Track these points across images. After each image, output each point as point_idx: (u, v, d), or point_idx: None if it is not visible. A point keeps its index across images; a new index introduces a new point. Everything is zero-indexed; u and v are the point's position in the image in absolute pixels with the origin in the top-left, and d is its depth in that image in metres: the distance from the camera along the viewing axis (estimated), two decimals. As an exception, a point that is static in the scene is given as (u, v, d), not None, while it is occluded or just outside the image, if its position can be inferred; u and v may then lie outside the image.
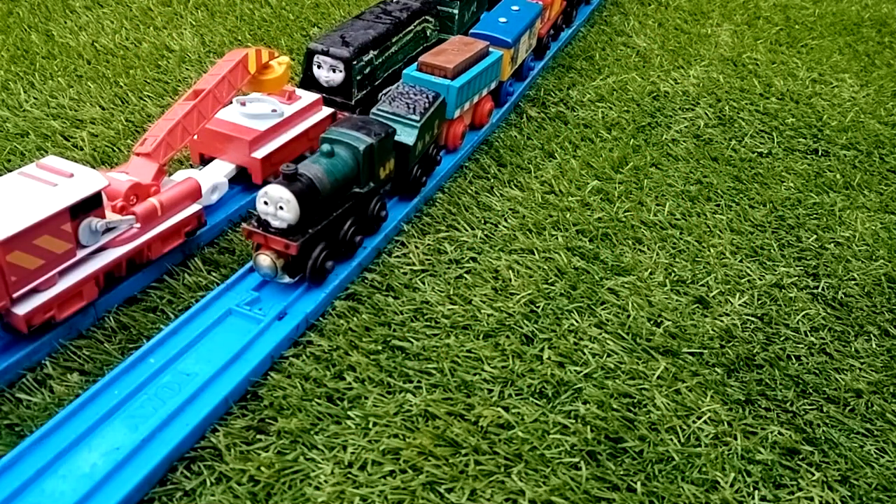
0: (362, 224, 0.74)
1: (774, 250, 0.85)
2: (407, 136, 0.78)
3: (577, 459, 0.58)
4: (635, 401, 0.64)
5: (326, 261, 0.69)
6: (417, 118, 0.79)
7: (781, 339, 0.73)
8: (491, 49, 0.98)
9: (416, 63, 0.90)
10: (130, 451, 0.53)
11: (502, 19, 1.04)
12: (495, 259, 0.78)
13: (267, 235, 0.65)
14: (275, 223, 0.65)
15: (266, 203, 0.64)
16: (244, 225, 0.66)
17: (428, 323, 0.70)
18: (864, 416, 0.66)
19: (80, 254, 0.62)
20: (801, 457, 0.61)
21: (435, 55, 0.91)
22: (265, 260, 0.66)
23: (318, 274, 0.68)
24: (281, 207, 0.64)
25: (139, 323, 0.67)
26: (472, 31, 1.01)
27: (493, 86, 0.98)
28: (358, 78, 0.91)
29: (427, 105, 0.81)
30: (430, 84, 0.88)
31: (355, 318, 0.69)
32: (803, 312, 0.76)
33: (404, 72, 0.90)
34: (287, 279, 0.67)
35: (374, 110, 0.80)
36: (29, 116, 0.94)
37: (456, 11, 1.12)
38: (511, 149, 0.98)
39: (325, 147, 0.70)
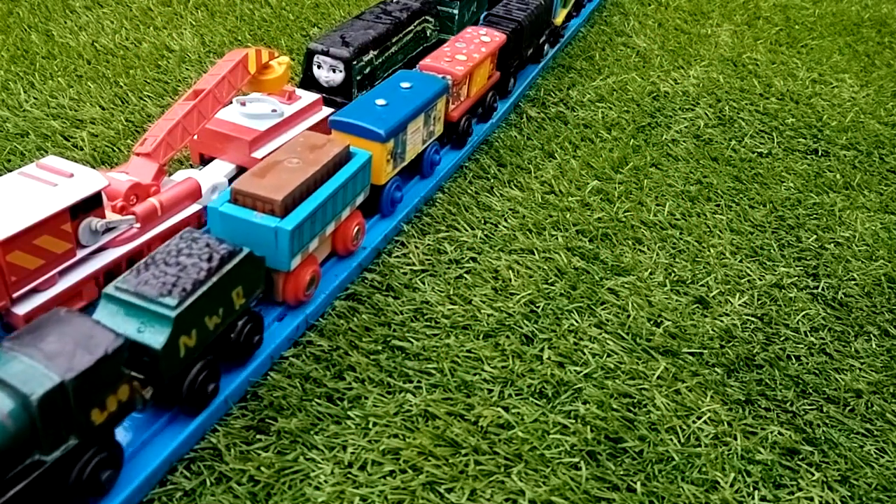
0: None
1: (774, 250, 0.85)
2: (153, 334, 0.50)
3: (577, 459, 0.58)
4: (635, 401, 0.64)
5: None
6: (173, 302, 0.51)
7: (781, 339, 0.73)
8: (353, 148, 0.73)
9: (228, 189, 0.64)
10: (130, 453, 0.53)
11: (381, 101, 0.79)
12: (495, 259, 0.78)
13: None
14: None
15: None
16: None
17: (428, 323, 0.70)
18: (864, 416, 0.66)
19: (80, 254, 0.62)
20: (801, 457, 0.61)
21: (261, 174, 0.64)
22: None
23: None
24: None
25: (139, 323, 0.67)
26: (332, 118, 0.77)
27: (360, 199, 0.73)
28: (358, 78, 0.91)
29: (203, 275, 0.53)
30: (247, 226, 0.62)
31: (355, 318, 0.69)
32: (803, 312, 0.76)
33: (209, 205, 0.64)
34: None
35: (108, 290, 0.52)
36: (29, 116, 0.94)
37: (456, 11, 1.12)
38: (511, 149, 0.98)
39: None
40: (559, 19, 1.24)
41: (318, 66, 0.90)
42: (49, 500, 0.46)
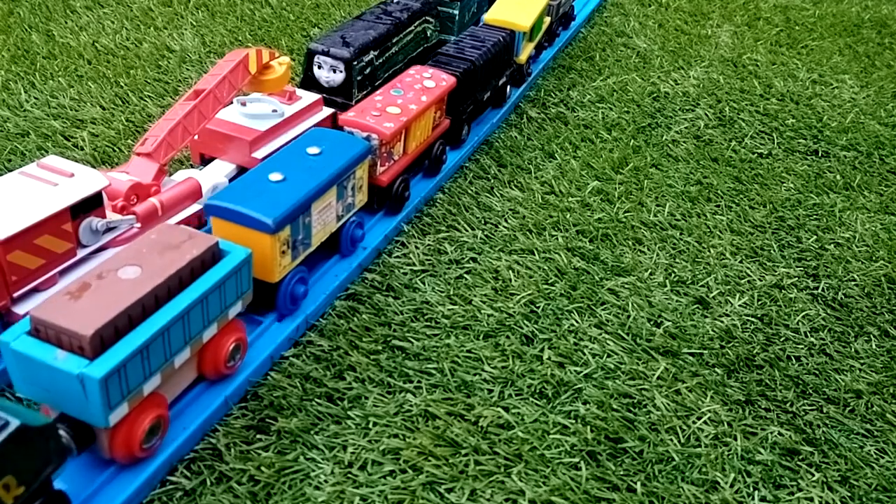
0: None
1: (774, 251, 0.85)
2: None
3: (577, 459, 0.58)
4: (635, 401, 0.64)
5: None
6: None
7: (781, 339, 0.73)
8: (227, 244, 0.57)
9: (27, 318, 0.48)
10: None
11: (276, 175, 0.65)
12: (495, 259, 0.78)
13: None
14: None
15: None
16: None
17: (428, 323, 0.70)
18: (864, 416, 0.66)
19: (81, 253, 0.62)
20: (801, 457, 0.61)
21: (77, 292, 0.48)
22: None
23: None
24: None
25: (139, 323, 0.67)
26: (208, 202, 0.62)
27: (236, 309, 0.57)
28: (358, 78, 0.91)
29: None
30: (47, 371, 0.46)
31: (355, 318, 0.69)
32: (803, 313, 0.76)
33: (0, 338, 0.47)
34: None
35: None
36: (29, 116, 0.94)
37: (456, 12, 1.12)
38: (511, 149, 0.98)
39: None
40: (523, 56, 1.10)
41: (319, 67, 0.90)
42: None
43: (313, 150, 0.69)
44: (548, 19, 1.19)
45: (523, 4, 1.12)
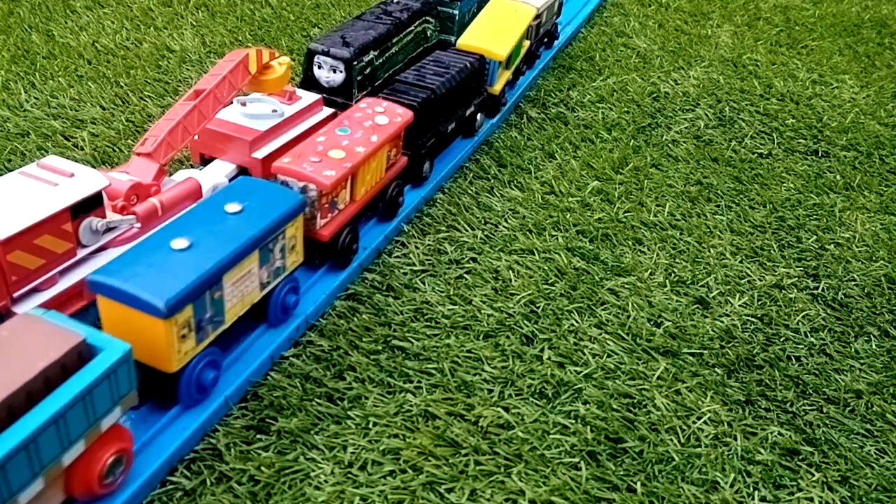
0: None
1: (774, 251, 0.85)
2: None
3: (577, 459, 0.58)
4: (635, 401, 0.64)
5: None
6: None
7: (781, 339, 0.73)
8: (98, 338, 0.46)
9: None
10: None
11: (181, 242, 0.54)
12: (495, 259, 0.78)
13: None
14: None
15: None
16: None
17: (428, 323, 0.70)
18: (864, 416, 0.66)
19: (81, 253, 0.62)
20: (801, 457, 0.61)
21: None
22: None
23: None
24: None
25: (139, 323, 0.67)
26: (90, 277, 0.52)
27: (112, 417, 0.47)
28: (358, 78, 0.91)
29: None
30: None
31: (355, 318, 0.69)
32: (803, 313, 0.76)
33: None
34: None
35: None
36: (30, 116, 0.94)
37: (456, 12, 1.12)
38: (511, 149, 0.98)
39: None
40: (497, 86, 1.00)
41: (319, 67, 0.90)
42: None
43: (233, 206, 0.58)
44: (527, 43, 1.10)
45: (501, 28, 1.01)
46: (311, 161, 0.66)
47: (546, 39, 1.21)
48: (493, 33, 0.99)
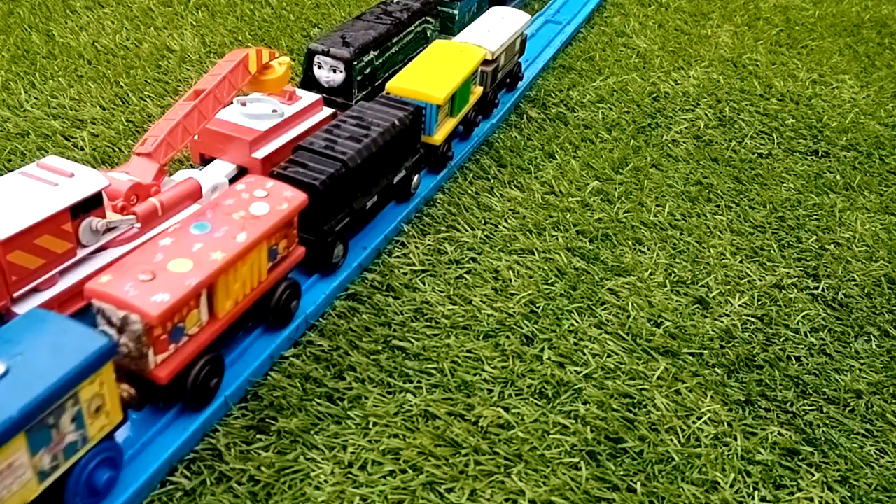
0: None
1: (774, 251, 0.85)
2: None
3: (577, 459, 0.58)
4: (635, 401, 0.64)
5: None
6: None
7: (781, 339, 0.73)
8: None
9: None
10: (129, 455, 0.53)
11: None
12: (495, 259, 0.78)
13: None
14: None
15: None
16: None
17: (428, 323, 0.70)
18: (864, 416, 0.66)
19: (81, 253, 0.62)
20: (801, 457, 0.61)
21: None
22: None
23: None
24: None
25: (139, 323, 0.67)
26: None
27: None
28: (358, 78, 0.91)
29: None
30: None
31: (355, 318, 0.69)
32: (803, 313, 0.76)
33: None
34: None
35: None
36: (30, 116, 0.94)
37: (456, 12, 1.12)
38: (511, 149, 0.98)
39: None
40: (439, 135, 0.85)
41: (319, 67, 0.90)
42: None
43: None
44: (478, 89, 0.96)
45: (441, 69, 0.88)
46: (138, 280, 0.49)
47: (509, 81, 1.07)
48: (431, 75, 0.86)
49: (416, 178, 0.82)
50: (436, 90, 0.83)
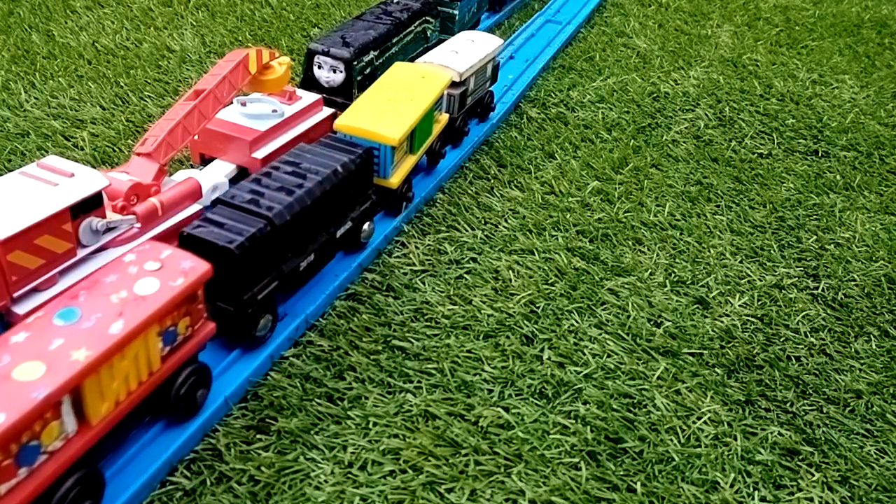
0: None
1: (774, 251, 0.85)
2: None
3: (577, 459, 0.58)
4: (635, 401, 0.64)
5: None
6: None
7: (781, 339, 0.73)
8: None
9: None
10: (129, 455, 0.53)
11: None
12: (495, 259, 0.78)
13: None
14: None
15: None
16: None
17: (428, 323, 0.70)
18: (864, 416, 0.66)
19: (81, 253, 0.62)
20: (801, 457, 0.61)
21: None
22: None
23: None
24: None
25: (139, 323, 0.67)
26: None
27: None
28: (358, 78, 0.91)
29: None
30: None
31: (355, 318, 0.69)
32: (803, 313, 0.76)
33: None
34: None
35: None
36: (30, 116, 0.94)
37: (456, 12, 1.12)
38: (511, 149, 0.98)
39: None
40: (395, 178, 0.76)
41: (319, 67, 0.90)
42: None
43: None
44: (444, 117, 0.87)
45: (398, 102, 0.77)
46: None
47: (479, 110, 0.98)
48: (386, 108, 0.76)
49: (367, 226, 0.72)
50: (390, 128, 0.73)
